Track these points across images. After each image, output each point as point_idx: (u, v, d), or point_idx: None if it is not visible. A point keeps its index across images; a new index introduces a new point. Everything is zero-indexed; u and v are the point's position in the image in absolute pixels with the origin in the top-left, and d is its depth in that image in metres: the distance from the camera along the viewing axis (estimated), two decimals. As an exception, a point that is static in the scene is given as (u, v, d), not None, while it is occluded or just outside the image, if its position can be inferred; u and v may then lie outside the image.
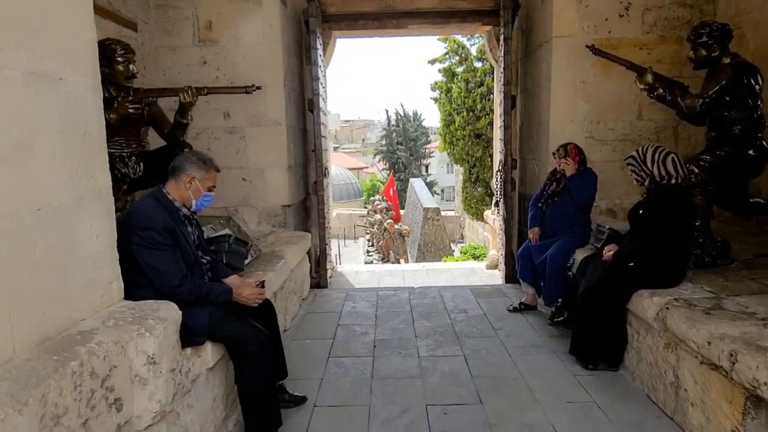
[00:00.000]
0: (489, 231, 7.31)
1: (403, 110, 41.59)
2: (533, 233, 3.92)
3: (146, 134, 3.34)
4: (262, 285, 2.34)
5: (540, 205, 3.96)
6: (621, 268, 2.75)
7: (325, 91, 5.55)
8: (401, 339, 3.54)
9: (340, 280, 5.80)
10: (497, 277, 5.75)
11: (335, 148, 61.34)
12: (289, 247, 3.95)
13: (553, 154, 3.91)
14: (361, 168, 46.97)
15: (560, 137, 4.55)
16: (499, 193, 5.08)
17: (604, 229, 3.38)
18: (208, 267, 2.29)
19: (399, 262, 15.50)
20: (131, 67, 3.08)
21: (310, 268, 5.00)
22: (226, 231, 3.28)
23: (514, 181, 5.03)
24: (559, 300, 3.68)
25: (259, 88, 3.11)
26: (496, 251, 6.24)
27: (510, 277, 4.95)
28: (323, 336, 3.63)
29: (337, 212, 23.16)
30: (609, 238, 3.28)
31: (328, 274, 5.63)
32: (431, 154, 44.45)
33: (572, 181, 3.70)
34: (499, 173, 5.05)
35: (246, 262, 3.04)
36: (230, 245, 2.63)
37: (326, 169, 5.13)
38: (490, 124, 8.16)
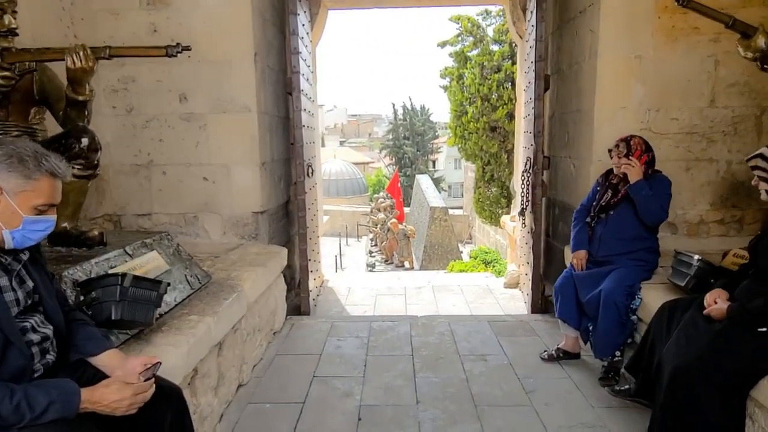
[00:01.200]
0: (507, 240, 6.30)
1: (411, 104, 40.53)
2: (578, 258, 2.91)
3: (39, 117, 2.37)
4: (151, 373, 1.35)
5: (588, 220, 2.94)
6: (743, 331, 1.74)
7: (311, 71, 4.55)
8: (397, 406, 2.55)
9: (328, 300, 4.82)
10: (518, 300, 4.75)
11: (341, 143, 60.52)
12: (251, 272, 2.97)
13: (610, 151, 2.89)
14: (367, 163, 46.03)
15: (608, 129, 3.55)
16: (525, 199, 4.07)
17: (690, 259, 2.35)
18: (46, 346, 1.31)
19: (403, 265, 14.53)
20: (6, 18, 2.11)
21: (288, 290, 4.02)
22: (151, 261, 2.30)
23: (546, 184, 4.01)
24: (618, 353, 2.68)
25: (187, 48, 2.11)
26: (516, 267, 5.24)
27: (538, 306, 3.94)
28: (290, 397, 2.65)
29: (340, 209, 22.19)
30: (701, 273, 2.27)
31: (315, 293, 4.66)
32: (439, 150, 43.39)
33: (637, 189, 2.68)
34: (526, 174, 4.03)
35: (163, 309, 2.06)
36: (125, 291, 1.64)
37: (310, 167, 4.13)
38: (509, 115, 7.12)
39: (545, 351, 3.09)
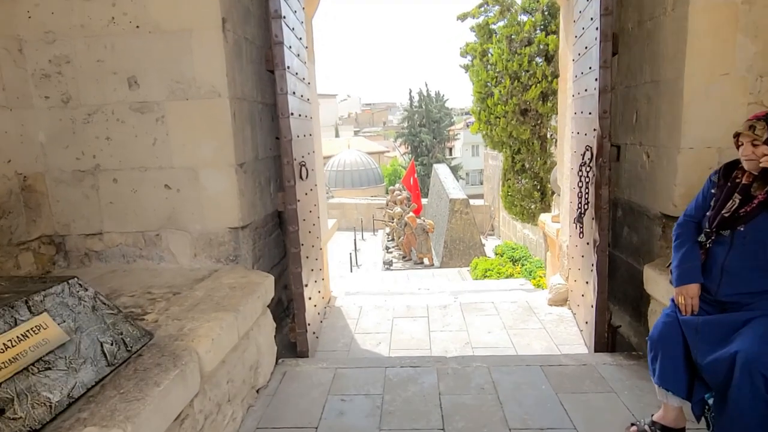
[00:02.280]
0: (546, 243, 5.35)
1: (426, 90, 39.30)
2: (688, 295, 1.96)
3: None
4: None
5: (702, 239, 1.99)
6: None
7: (304, 46, 3.64)
8: None
9: (335, 328, 3.97)
10: (569, 323, 3.83)
11: (355, 132, 59.69)
12: (215, 322, 2.11)
13: (737, 136, 1.92)
14: (382, 152, 45.14)
15: (702, 105, 2.62)
16: (583, 201, 3.12)
17: None
18: None
19: (422, 262, 13.64)
20: None
21: (283, 318, 3.17)
22: (33, 337, 1.45)
23: (611, 181, 3.05)
24: (762, 448, 1.74)
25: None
26: (562, 279, 4.30)
27: (602, 344, 3.01)
28: None
29: (354, 202, 21.34)
30: None
31: (319, 318, 3.82)
32: (456, 137, 42.22)
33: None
34: (584, 168, 3.08)
35: (43, 417, 1.21)
36: None
37: (303, 166, 3.24)
38: (543, 95, 6.10)
39: (634, 425, 2.17)
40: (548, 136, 6.44)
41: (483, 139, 7.08)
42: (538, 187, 6.58)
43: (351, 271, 13.08)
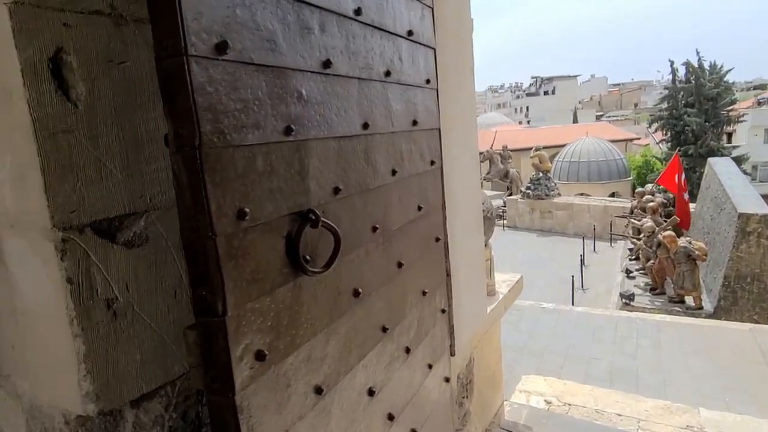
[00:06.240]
0: None
1: (698, 60, 30.57)
2: None
3: None
4: None
5: None
6: None
7: None
8: None
9: None
10: None
11: (597, 117, 52.29)
12: None
13: None
14: (631, 139, 37.97)
15: None
16: None
17: None
18: None
19: (682, 300, 9.52)
20: None
21: None
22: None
23: None
24: None
25: None
26: None
27: None
28: None
29: (587, 203, 17.39)
30: None
31: None
32: (741, 119, 32.01)
33: None
34: None
35: None
36: None
37: (314, 222, 0.99)
38: None
39: None
40: None
41: None
42: None
43: (572, 303, 9.97)
